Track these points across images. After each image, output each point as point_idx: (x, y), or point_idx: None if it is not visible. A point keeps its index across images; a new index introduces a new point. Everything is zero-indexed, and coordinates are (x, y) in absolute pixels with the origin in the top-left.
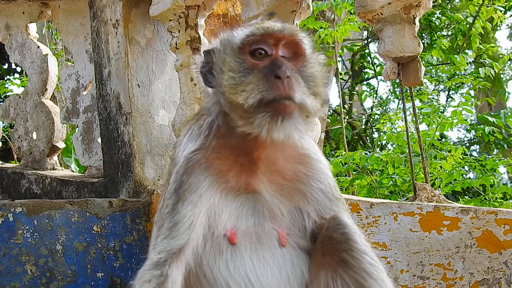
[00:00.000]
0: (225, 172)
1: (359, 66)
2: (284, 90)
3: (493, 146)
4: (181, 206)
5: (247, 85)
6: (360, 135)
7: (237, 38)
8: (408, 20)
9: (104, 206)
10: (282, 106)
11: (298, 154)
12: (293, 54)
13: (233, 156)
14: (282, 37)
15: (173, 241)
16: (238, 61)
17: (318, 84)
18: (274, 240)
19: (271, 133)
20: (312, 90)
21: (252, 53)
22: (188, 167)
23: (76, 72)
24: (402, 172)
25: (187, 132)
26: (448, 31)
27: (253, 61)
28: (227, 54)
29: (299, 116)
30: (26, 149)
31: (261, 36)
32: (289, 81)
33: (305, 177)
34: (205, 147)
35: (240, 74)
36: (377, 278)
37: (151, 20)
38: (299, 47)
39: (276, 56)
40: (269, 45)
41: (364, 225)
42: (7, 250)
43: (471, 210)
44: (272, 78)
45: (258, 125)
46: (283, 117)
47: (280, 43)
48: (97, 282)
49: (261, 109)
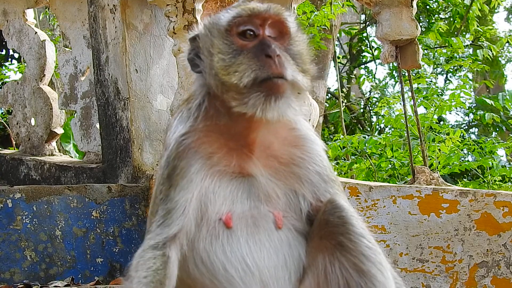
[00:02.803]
0: (213, 154)
1: (357, 50)
2: (276, 69)
3: (492, 129)
4: (173, 192)
5: (239, 66)
6: (359, 119)
7: (223, 21)
8: (405, 3)
9: (103, 191)
10: (275, 85)
11: (292, 136)
12: (279, 33)
13: (223, 139)
14: (268, 17)
15: (167, 229)
16: (226, 43)
17: (305, 61)
18: (270, 222)
19: (265, 113)
20: (300, 67)
21: (239, 34)
22: (179, 151)
23: (74, 58)
24: (400, 155)
25: (178, 115)
26: (446, 13)
27: (242, 42)
28: (214, 37)
29: (291, 94)
30: (25, 135)
31: (248, 17)
32: (279, 59)
33: (301, 160)
34: (194, 130)
35: (230, 55)
36: (375, 261)
37: (148, 5)
38: (284, 26)
39: (263, 36)
40: (256, 26)
41: (363, 208)
42: (6, 236)
43: (470, 192)
44: (263, 57)
45: (252, 105)
46: (276, 96)
47: (267, 23)
48: (96, 267)
49: (255, 89)
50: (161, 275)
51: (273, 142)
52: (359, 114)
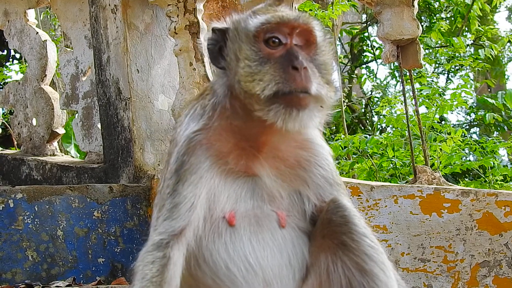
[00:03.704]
0: (226, 154)
1: (358, 50)
2: (301, 83)
3: (493, 128)
4: (181, 187)
5: (264, 75)
6: (360, 119)
7: (251, 26)
8: (406, 2)
9: (105, 191)
10: (297, 99)
11: (300, 139)
12: (305, 42)
13: (235, 139)
14: (297, 25)
15: (174, 222)
16: (253, 49)
17: (329, 71)
18: (273, 221)
19: (286, 123)
20: (325, 78)
21: (266, 41)
22: (190, 147)
23: (75, 58)
24: (402, 155)
25: (189, 112)
26: (447, 13)
27: (268, 50)
28: (242, 42)
29: (314, 107)
30: (26, 135)
31: (276, 25)
32: (305, 72)
33: (307, 163)
34: (207, 128)
35: (256, 63)
36: (377, 260)
37: (149, 5)
38: (312, 35)
39: (291, 46)
40: (284, 34)
41: (364, 208)
42: (8, 236)
43: (471, 192)
44: (289, 69)
45: (273, 115)
46: (298, 108)
47: (295, 31)
48: (98, 267)
49: (277, 100)
50: (156, 283)
51: (281, 144)
52: (360, 113)
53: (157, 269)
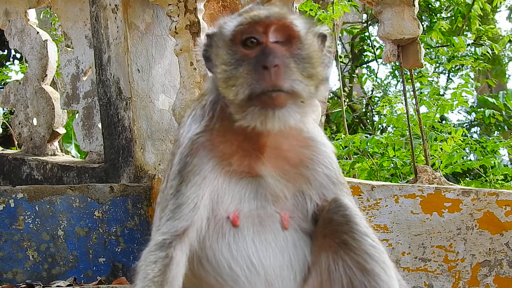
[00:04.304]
0: (229, 155)
1: (359, 49)
2: (270, 82)
3: (494, 128)
4: (185, 187)
5: (237, 79)
6: (361, 118)
7: (227, 30)
8: (407, 2)
9: (105, 191)
10: (270, 99)
11: (303, 138)
12: (286, 37)
13: (238, 141)
14: (270, 23)
15: (177, 223)
16: (230, 53)
17: (314, 64)
18: (276, 223)
19: (265, 125)
20: (307, 72)
21: (243, 43)
22: (193, 149)
23: (76, 58)
24: (402, 154)
25: (191, 113)
26: (448, 13)
27: (245, 51)
28: (220, 47)
29: (293, 104)
30: (27, 135)
31: (249, 25)
32: (276, 70)
33: (310, 162)
34: (209, 129)
35: (232, 66)
36: (378, 259)
37: (150, 5)
38: (291, 30)
39: (266, 44)
40: (259, 33)
41: (365, 207)
42: (8, 236)
43: (472, 191)
44: (260, 69)
45: (251, 118)
46: (273, 108)
47: (270, 29)
48: (99, 267)
49: (252, 102)
50: (157, 283)
51: (283, 143)
52: (361, 113)
53: (159, 269)
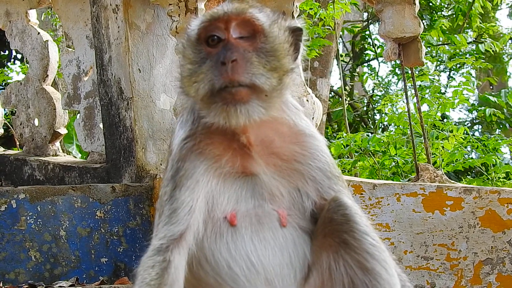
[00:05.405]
0: (219, 157)
1: (359, 48)
2: (227, 77)
3: (495, 126)
4: (178, 192)
5: (199, 76)
6: (362, 117)
7: (191, 30)
8: (408, 0)
9: (107, 191)
10: (230, 95)
11: (292, 133)
12: (250, 32)
13: (226, 141)
14: (229, 19)
15: (173, 227)
16: (195, 52)
17: (279, 57)
18: (274, 221)
19: (229, 121)
20: (270, 65)
21: (207, 41)
22: (182, 154)
23: (77, 58)
24: (404, 153)
25: (180, 119)
26: (448, 11)
27: (209, 49)
28: (186, 47)
29: (256, 98)
30: (28, 136)
31: (209, 23)
32: (234, 65)
33: (302, 157)
34: (194, 133)
35: (196, 65)
36: (379, 258)
37: (150, 5)
38: (252, 24)
39: (228, 40)
40: (221, 30)
41: (367, 206)
42: (11, 237)
43: (474, 190)
44: (219, 65)
45: (214, 115)
46: (234, 103)
47: (231, 25)
48: (101, 267)
49: (214, 99)
50: (154, 286)
51: (273, 139)
52: (362, 112)
53: (156, 273)
